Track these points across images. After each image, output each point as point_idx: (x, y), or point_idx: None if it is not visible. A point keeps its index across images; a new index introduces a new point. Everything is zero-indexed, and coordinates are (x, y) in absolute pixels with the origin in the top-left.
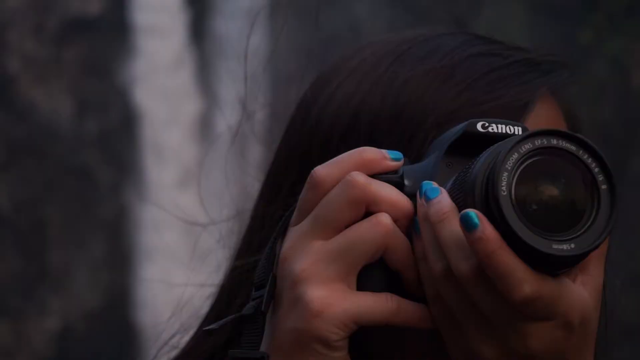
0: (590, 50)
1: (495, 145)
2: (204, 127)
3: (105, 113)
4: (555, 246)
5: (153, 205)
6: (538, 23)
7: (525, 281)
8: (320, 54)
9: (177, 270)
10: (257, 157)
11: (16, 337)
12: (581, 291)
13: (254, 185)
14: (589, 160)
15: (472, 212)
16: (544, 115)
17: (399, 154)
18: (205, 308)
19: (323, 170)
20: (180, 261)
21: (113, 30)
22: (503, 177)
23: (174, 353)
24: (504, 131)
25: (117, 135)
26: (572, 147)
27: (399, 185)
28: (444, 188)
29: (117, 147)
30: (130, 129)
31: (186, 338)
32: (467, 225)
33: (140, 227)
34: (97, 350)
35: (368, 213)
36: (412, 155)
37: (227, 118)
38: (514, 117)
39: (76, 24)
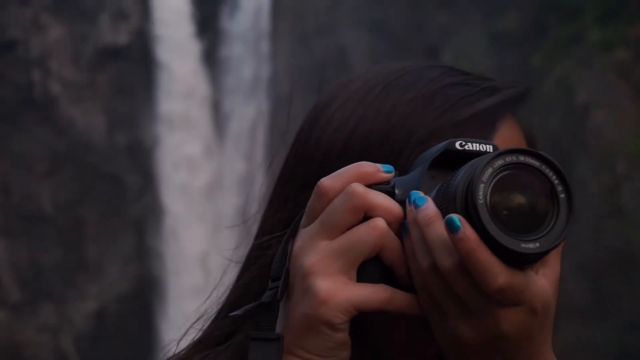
0: (541, 72)
1: (472, 161)
2: (217, 135)
3: (132, 128)
4: (523, 245)
5: (172, 207)
6: (497, 49)
7: (499, 274)
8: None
9: (194, 264)
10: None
11: (59, 317)
12: (543, 282)
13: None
14: (550, 174)
15: (455, 217)
16: (508, 134)
17: (390, 167)
18: (223, 295)
19: (328, 182)
20: (196, 255)
21: (138, 58)
22: (480, 188)
23: (197, 335)
24: (478, 149)
25: (142, 147)
26: (536, 163)
27: (391, 194)
28: (429, 196)
29: (142, 157)
30: (152, 143)
31: (206, 322)
32: (451, 227)
33: (161, 225)
34: (127, 328)
35: (366, 217)
36: (400, 168)
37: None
38: (483, 136)
39: (107, 53)
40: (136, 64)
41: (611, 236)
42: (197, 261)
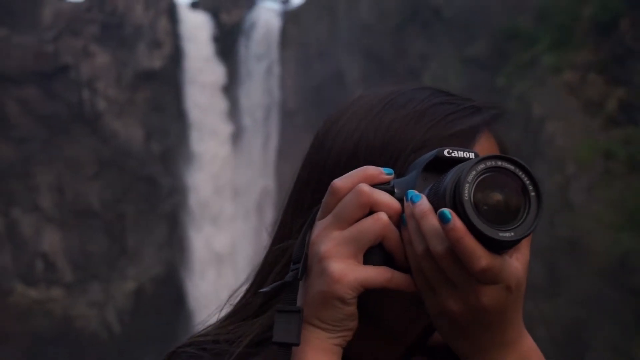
0: (504, 90)
1: (458, 165)
2: (235, 142)
3: (165, 138)
4: (500, 234)
5: (198, 203)
6: (468, 72)
7: (482, 257)
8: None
9: (217, 251)
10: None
11: (105, 294)
12: (517, 265)
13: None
14: (522, 175)
15: (447, 211)
16: (485, 144)
17: (390, 170)
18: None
19: (339, 182)
20: (217, 244)
21: (169, 79)
22: (465, 187)
23: (229, 310)
24: (462, 156)
25: (173, 154)
26: (511, 167)
27: (391, 193)
28: (423, 194)
29: (173, 162)
30: (181, 150)
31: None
32: (443, 219)
33: (189, 218)
34: (160, 304)
35: (371, 212)
36: (398, 172)
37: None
38: (466, 146)
39: (144, 75)
40: (168, 84)
41: (562, 226)
42: (219, 250)
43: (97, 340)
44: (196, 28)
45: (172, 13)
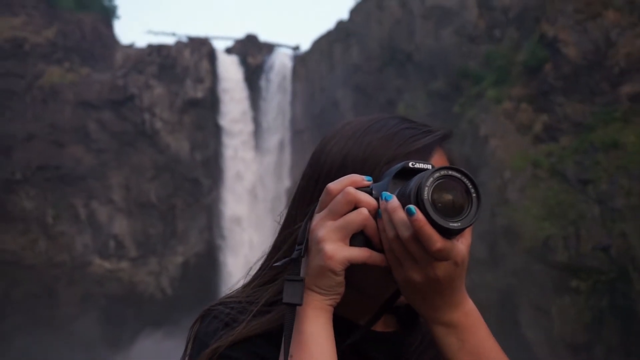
0: (459, 116)
1: (420, 174)
2: (257, 154)
3: (205, 150)
4: (450, 224)
5: (230, 198)
6: (432, 102)
7: (437, 241)
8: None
9: (243, 233)
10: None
11: (160, 266)
12: (462, 246)
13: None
14: (466, 181)
15: (412, 207)
16: (438, 158)
17: (370, 177)
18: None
19: (333, 185)
20: (245, 229)
21: (209, 106)
22: (425, 190)
23: (249, 278)
24: (422, 167)
25: (211, 162)
26: (458, 175)
27: (370, 193)
28: (394, 195)
29: (211, 168)
30: (218, 158)
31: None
32: (409, 213)
33: (223, 209)
34: (201, 274)
35: (355, 207)
36: (375, 178)
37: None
38: (425, 159)
39: (190, 103)
40: (207, 109)
41: (500, 217)
42: (246, 233)
43: (153, 300)
44: (229, 68)
45: (211, 56)
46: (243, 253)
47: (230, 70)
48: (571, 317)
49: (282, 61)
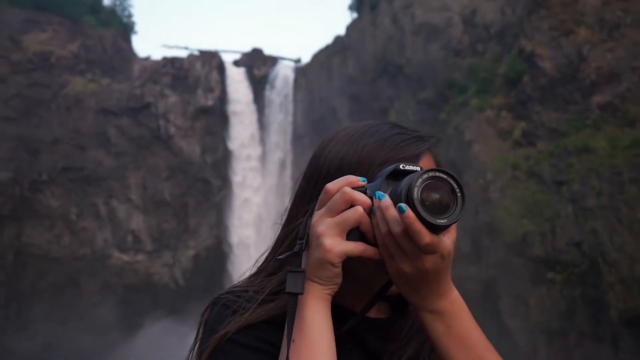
0: (445, 123)
1: (410, 175)
2: (262, 158)
3: (215, 153)
4: (438, 221)
5: (238, 197)
6: (420, 110)
7: (426, 236)
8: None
9: (249, 228)
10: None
11: (173, 259)
12: (448, 241)
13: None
14: (452, 182)
15: (403, 205)
16: (427, 161)
17: (364, 178)
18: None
19: (331, 185)
20: (251, 225)
21: (218, 113)
22: (415, 190)
23: (255, 270)
24: (412, 169)
25: (220, 163)
26: (444, 176)
27: (365, 193)
28: (387, 194)
29: (221, 169)
30: (226, 161)
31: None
32: (400, 210)
33: (231, 207)
34: (211, 266)
35: (351, 205)
36: (369, 179)
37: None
38: (414, 162)
39: (201, 110)
40: (217, 116)
41: (483, 214)
42: (252, 229)
43: (167, 289)
44: (237, 79)
45: (220, 68)
46: (248, 247)
47: (237, 81)
48: (547, 306)
49: (284, 73)
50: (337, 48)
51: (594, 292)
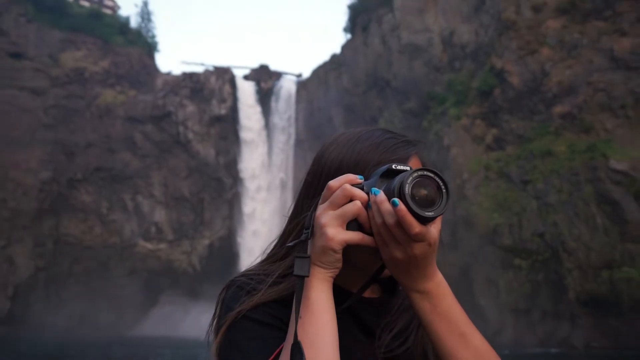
0: (426, 130)
1: (401, 174)
2: (269, 158)
3: (227, 155)
4: (426, 213)
5: (247, 193)
6: (406, 118)
7: (416, 226)
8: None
9: (257, 222)
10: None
11: (191, 247)
12: (434, 231)
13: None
14: (438, 180)
15: (396, 199)
16: (415, 161)
17: (362, 177)
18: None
19: (333, 182)
20: (259, 217)
21: (231, 121)
22: (406, 186)
23: (265, 256)
24: (403, 169)
25: (232, 163)
26: (432, 175)
27: (362, 189)
28: (381, 190)
29: (232, 168)
30: (236, 162)
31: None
32: (393, 204)
33: (241, 202)
34: (223, 253)
35: (351, 200)
36: (365, 178)
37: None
38: (404, 163)
39: (216, 118)
40: (229, 123)
41: (460, 209)
42: (260, 220)
43: (186, 274)
44: (246, 91)
45: (232, 82)
46: (257, 236)
47: (246, 93)
48: (514, 288)
49: (288, 86)
50: (334, 64)
51: (555, 277)
